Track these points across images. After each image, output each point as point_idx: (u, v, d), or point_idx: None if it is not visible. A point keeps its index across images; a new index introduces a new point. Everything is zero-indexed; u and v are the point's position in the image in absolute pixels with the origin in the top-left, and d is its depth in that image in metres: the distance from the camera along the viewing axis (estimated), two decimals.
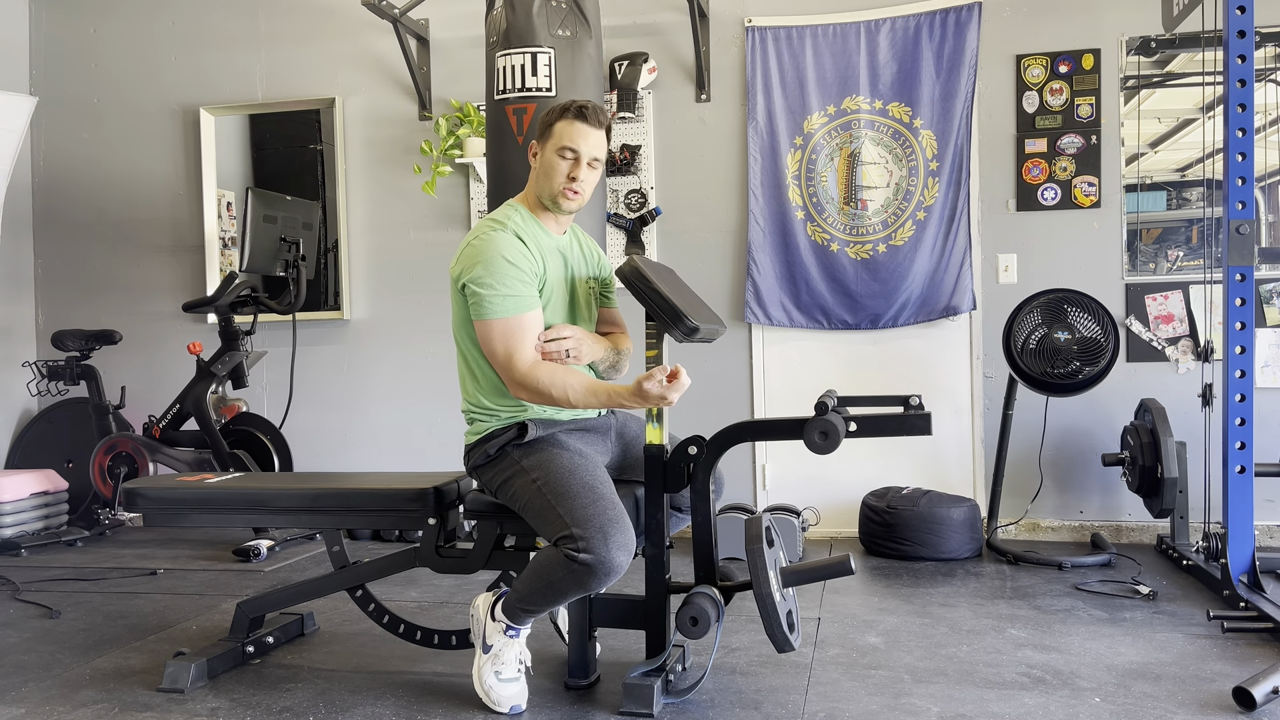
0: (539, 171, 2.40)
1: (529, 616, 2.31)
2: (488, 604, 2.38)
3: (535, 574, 2.22)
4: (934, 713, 2.24)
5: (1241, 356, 2.93)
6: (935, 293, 4.18)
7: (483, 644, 2.35)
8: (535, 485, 2.25)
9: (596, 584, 2.14)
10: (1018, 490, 4.15)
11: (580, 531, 2.13)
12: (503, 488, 2.34)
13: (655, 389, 2.17)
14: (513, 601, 2.29)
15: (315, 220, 4.70)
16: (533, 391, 2.26)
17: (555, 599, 2.21)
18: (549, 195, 2.39)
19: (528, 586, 2.23)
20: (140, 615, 3.20)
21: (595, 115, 2.36)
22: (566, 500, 2.19)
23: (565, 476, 2.24)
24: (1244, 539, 2.96)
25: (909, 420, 2.27)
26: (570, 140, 2.35)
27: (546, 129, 2.40)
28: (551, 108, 2.43)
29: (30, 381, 4.97)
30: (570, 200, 2.38)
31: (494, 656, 2.32)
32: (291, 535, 4.26)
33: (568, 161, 2.36)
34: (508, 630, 2.32)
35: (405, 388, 4.76)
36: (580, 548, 2.11)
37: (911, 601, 3.20)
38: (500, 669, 2.31)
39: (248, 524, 2.71)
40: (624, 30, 4.48)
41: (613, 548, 2.12)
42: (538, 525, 2.26)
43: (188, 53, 4.98)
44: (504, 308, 2.26)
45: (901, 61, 4.20)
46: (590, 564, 2.11)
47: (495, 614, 2.34)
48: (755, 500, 4.41)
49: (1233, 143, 2.92)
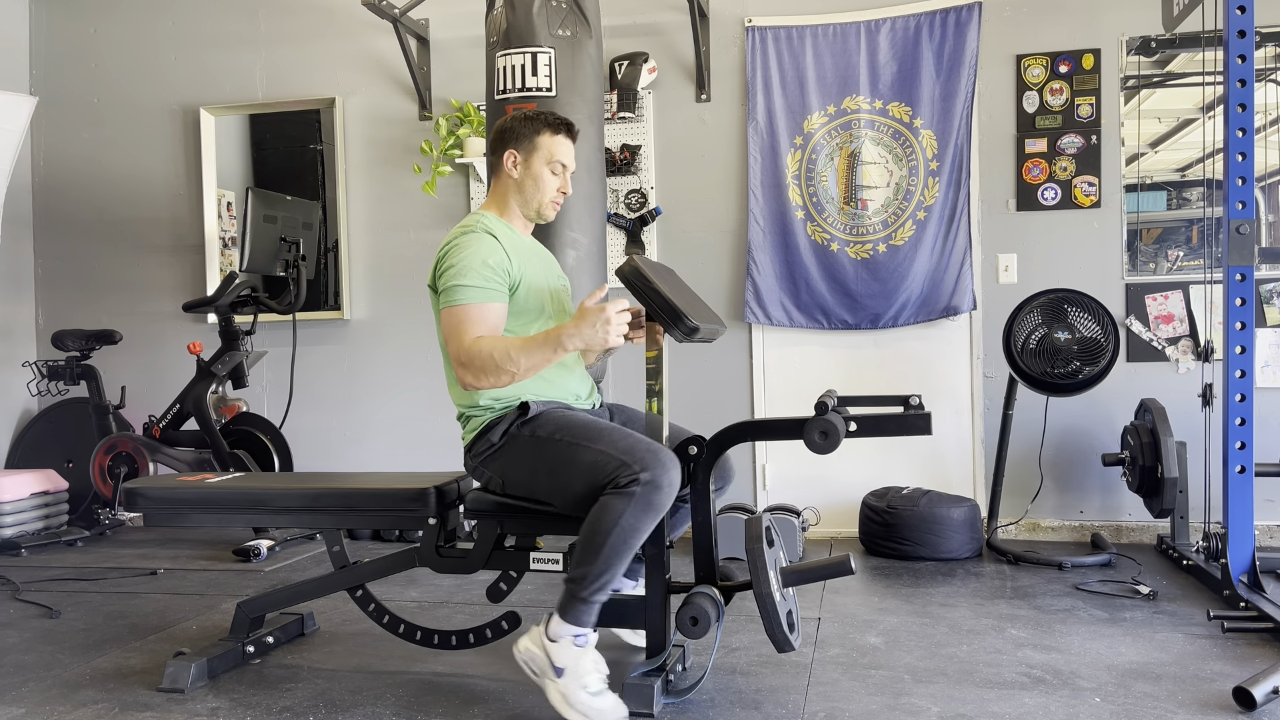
0: (524, 183, 2.46)
1: (598, 597, 2.17)
2: (537, 635, 2.23)
3: (598, 530, 2.13)
4: (934, 713, 2.24)
5: (1241, 356, 2.93)
6: (935, 293, 4.18)
7: (554, 673, 2.18)
8: (563, 442, 2.24)
9: (662, 499, 2.13)
10: (1018, 490, 4.15)
11: (629, 458, 2.15)
12: (519, 468, 2.30)
13: (592, 303, 2.20)
14: (577, 589, 2.17)
15: (315, 220, 4.70)
16: (478, 366, 2.22)
17: (630, 541, 2.13)
18: (535, 206, 2.47)
19: (594, 549, 2.14)
20: (140, 615, 3.20)
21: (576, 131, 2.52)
22: (603, 439, 2.21)
23: (589, 425, 2.27)
24: (1244, 539, 2.96)
25: (909, 420, 2.27)
26: (562, 156, 2.46)
27: (528, 140, 2.44)
28: (524, 116, 2.47)
29: (30, 381, 4.97)
30: (554, 211, 2.50)
31: (573, 676, 2.16)
32: (291, 535, 4.26)
33: (558, 176, 2.47)
34: (575, 639, 2.18)
35: (405, 388, 4.76)
36: (635, 471, 2.13)
37: (911, 601, 3.20)
38: (586, 683, 2.15)
39: (248, 524, 2.71)
40: (624, 30, 4.48)
41: (666, 462, 2.16)
42: (576, 478, 2.21)
43: (188, 53, 4.98)
44: (468, 296, 2.28)
45: (901, 61, 4.20)
46: (654, 480, 2.12)
47: (551, 633, 2.20)
48: (755, 500, 4.41)
49: (1233, 143, 2.92)
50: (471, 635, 2.56)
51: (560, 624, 2.20)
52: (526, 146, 2.44)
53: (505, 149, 2.47)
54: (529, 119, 2.46)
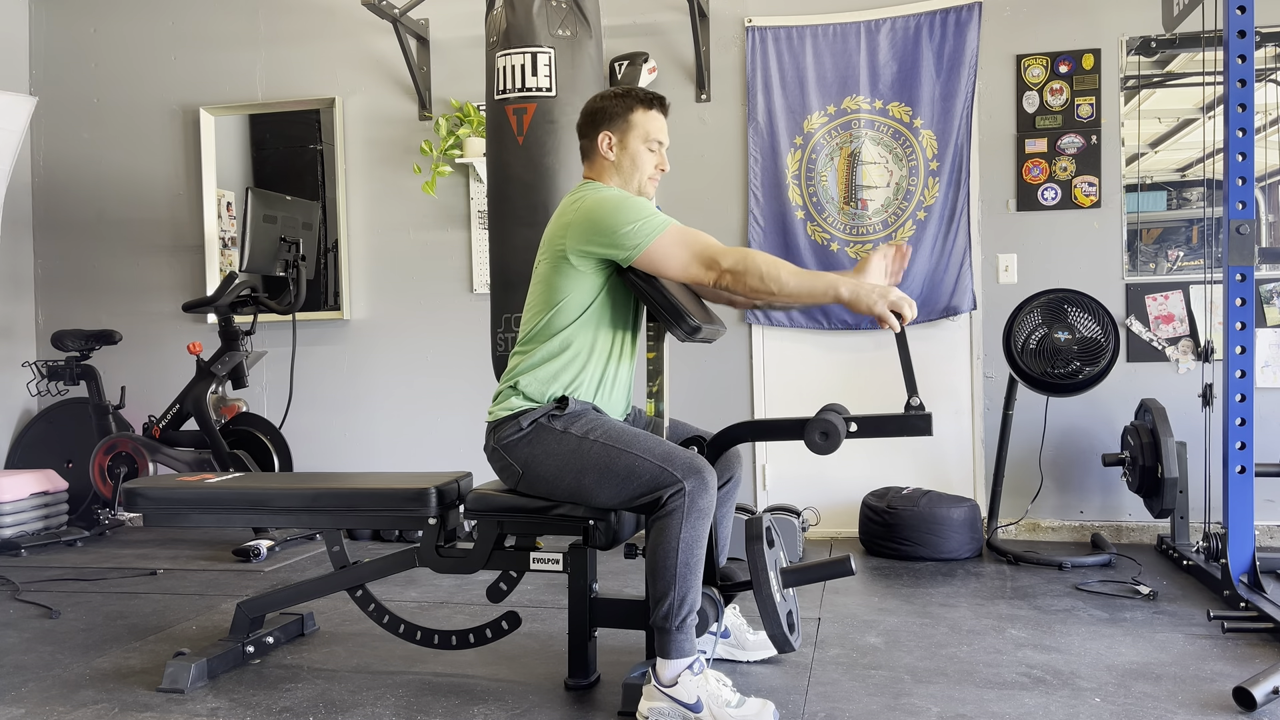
0: (621, 163, 2.40)
1: (690, 620, 2.15)
2: (652, 692, 2.17)
3: (665, 554, 2.13)
4: (934, 713, 2.24)
5: (1242, 356, 2.93)
6: (935, 293, 4.18)
7: (692, 712, 2.13)
8: (599, 443, 2.22)
9: (708, 502, 2.16)
10: (1018, 490, 4.15)
11: (669, 465, 2.16)
12: (545, 461, 2.27)
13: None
14: (670, 623, 2.14)
15: (315, 220, 4.70)
16: (742, 271, 2.18)
17: (696, 553, 2.14)
18: (635, 187, 2.41)
19: (668, 573, 2.13)
20: (140, 615, 3.20)
21: (668, 105, 2.46)
22: (639, 444, 2.20)
23: (625, 429, 2.25)
24: (1244, 539, 2.96)
25: (909, 420, 2.27)
26: (657, 132, 2.41)
27: (621, 119, 2.38)
28: (614, 94, 2.41)
29: (30, 381, 4.97)
30: (653, 189, 2.45)
31: (711, 702, 2.12)
32: (291, 535, 4.26)
33: (655, 154, 2.41)
34: (692, 669, 2.15)
35: (405, 388, 4.76)
36: (678, 479, 2.14)
37: (911, 601, 3.20)
38: (726, 699, 2.13)
39: (248, 524, 2.71)
40: (624, 30, 4.48)
41: (701, 467, 2.17)
42: (609, 482, 2.20)
43: (188, 53, 4.98)
44: (655, 225, 2.24)
45: (902, 61, 4.20)
46: (699, 484, 2.14)
47: (665, 680, 2.15)
48: (755, 500, 4.41)
49: (1233, 143, 2.92)
50: (471, 635, 2.56)
51: (669, 665, 2.16)
52: (621, 126, 2.38)
53: (598, 131, 2.39)
54: (620, 97, 2.39)
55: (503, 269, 3.44)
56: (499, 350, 3.46)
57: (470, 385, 4.61)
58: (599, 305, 2.33)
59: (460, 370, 4.66)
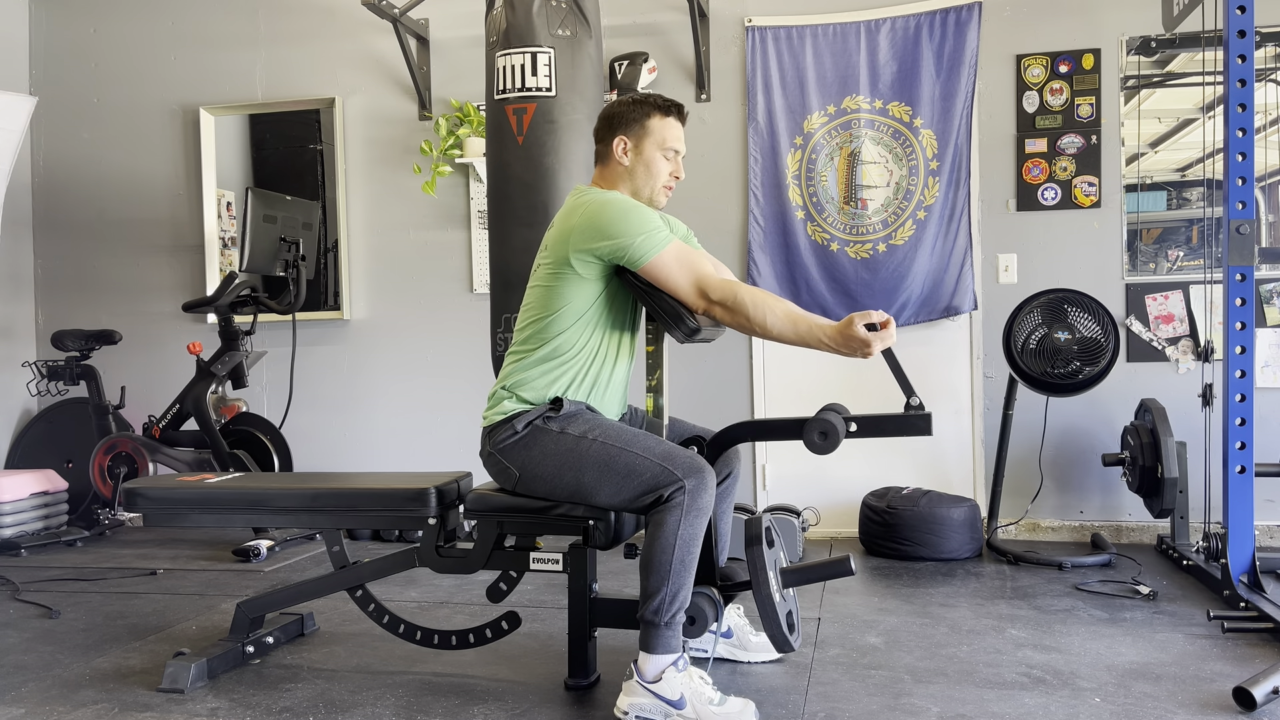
0: (635, 169, 2.38)
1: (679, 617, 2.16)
2: (633, 687, 2.18)
3: (661, 549, 2.14)
4: (934, 713, 2.24)
5: (1242, 356, 2.93)
6: (935, 292, 4.18)
7: (674, 708, 2.14)
8: (597, 442, 2.22)
9: (707, 500, 2.16)
10: (1018, 490, 4.15)
11: (669, 464, 2.16)
12: (543, 462, 2.26)
13: (862, 332, 2.13)
14: (658, 618, 2.14)
15: (315, 220, 4.70)
16: (731, 308, 2.20)
17: (692, 551, 2.15)
18: (648, 194, 2.40)
19: (662, 568, 2.13)
20: (140, 615, 3.20)
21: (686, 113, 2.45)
22: (638, 443, 2.21)
23: (622, 429, 2.25)
24: (1244, 539, 2.96)
25: (909, 420, 2.27)
26: (675, 141, 2.40)
27: (637, 125, 2.37)
28: (632, 99, 2.40)
29: (30, 381, 4.97)
30: (665, 198, 2.44)
31: (694, 699, 2.13)
32: (291, 535, 4.26)
33: (670, 162, 2.40)
34: (676, 665, 2.15)
35: (405, 388, 4.76)
36: (679, 478, 2.14)
37: (911, 601, 3.20)
38: (709, 697, 2.14)
39: (248, 524, 2.71)
40: (624, 30, 4.47)
41: (701, 466, 2.18)
42: (608, 480, 2.20)
43: (188, 53, 4.98)
44: (662, 239, 2.24)
45: (901, 61, 4.20)
46: (699, 483, 2.15)
47: (648, 675, 2.16)
48: (755, 500, 4.41)
49: (1233, 143, 2.92)
50: (471, 635, 2.56)
51: (653, 660, 2.16)
52: (637, 131, 2.37)
53: (614, 135, 2.38)
54: (637, 102, 2.38)
55: (502, 269, 3.44)
56: (499, 350, 3.46)
57: (470, 385, 4.61)
58: (597, 309, 2.33)
59: (460, 370, 4.66)
